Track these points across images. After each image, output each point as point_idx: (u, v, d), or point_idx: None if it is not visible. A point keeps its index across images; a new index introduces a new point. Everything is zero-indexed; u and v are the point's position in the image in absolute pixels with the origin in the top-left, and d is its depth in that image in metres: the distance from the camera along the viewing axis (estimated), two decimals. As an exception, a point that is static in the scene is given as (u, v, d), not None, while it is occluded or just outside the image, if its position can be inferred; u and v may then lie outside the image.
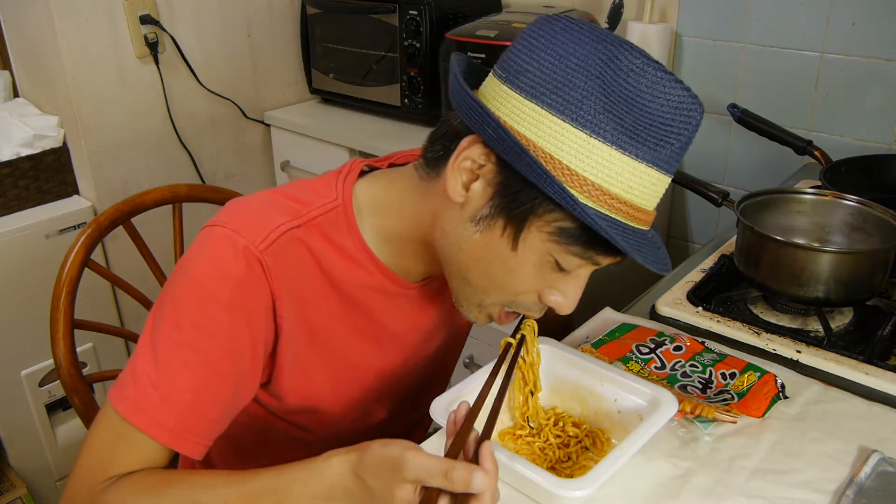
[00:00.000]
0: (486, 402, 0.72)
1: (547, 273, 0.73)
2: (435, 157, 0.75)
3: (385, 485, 0.62)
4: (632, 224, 0.69)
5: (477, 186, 0.71)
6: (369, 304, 0.83)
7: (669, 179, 0.69)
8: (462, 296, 0.79)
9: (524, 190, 0.68)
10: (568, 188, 0.65)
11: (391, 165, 0.86)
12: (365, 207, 0.80)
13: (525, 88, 0.67)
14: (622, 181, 0.66)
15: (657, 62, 0.65)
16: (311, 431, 0.90)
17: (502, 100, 0.68)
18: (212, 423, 0.74)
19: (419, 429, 1.08)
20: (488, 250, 0.72)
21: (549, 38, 0.67)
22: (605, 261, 0.71)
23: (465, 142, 0.70)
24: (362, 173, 0.83)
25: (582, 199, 0.66)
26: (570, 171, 0.65)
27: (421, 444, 0.83)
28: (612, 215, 0.67)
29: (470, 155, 0.70)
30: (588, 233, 0.67)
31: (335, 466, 0.65)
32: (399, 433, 1.00)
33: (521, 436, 0.84)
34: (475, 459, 0.63)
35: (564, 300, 0.75)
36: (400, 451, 0.62)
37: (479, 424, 0.69)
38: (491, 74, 0.72)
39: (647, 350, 0.95)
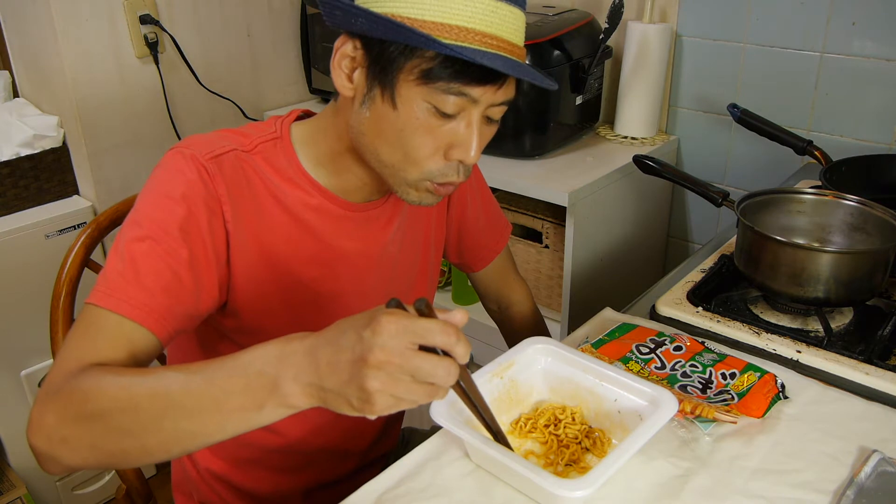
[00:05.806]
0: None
1: (434, 122, 0.78)
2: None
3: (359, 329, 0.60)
4: (483, 49, 0.74)
5: (357, 75, 0.80)
6: (314, 225, 0.89)
7: (507, 5, 0.75)
8: (391, 181, 0.84)
9: (383, 53, 0.76)
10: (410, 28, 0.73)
11: None
12: (299, 140, 0.89)
13: None
14: (456, 12, 0.73)
15: None
16: None
17: None
18: (174, 310, 0.77)
19: None
20: (380, 122, 0.80)
21: None
22: (476, 91, 0.75)
23: (336, 44, 0.80)
24: (300, 119, 0.92)
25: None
26: (410, 20, 0.73)
27: (421, 445, 0.83)
28: (460, 43, 0.73)
29: (343, 52, 0.80)
30: (446, 66, 0.74)
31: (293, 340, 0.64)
32: None
33: (518, 435, 0.84)
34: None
35: (465, 150, 0.80)
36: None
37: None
38: None
39: (647, 350, 0.95)
